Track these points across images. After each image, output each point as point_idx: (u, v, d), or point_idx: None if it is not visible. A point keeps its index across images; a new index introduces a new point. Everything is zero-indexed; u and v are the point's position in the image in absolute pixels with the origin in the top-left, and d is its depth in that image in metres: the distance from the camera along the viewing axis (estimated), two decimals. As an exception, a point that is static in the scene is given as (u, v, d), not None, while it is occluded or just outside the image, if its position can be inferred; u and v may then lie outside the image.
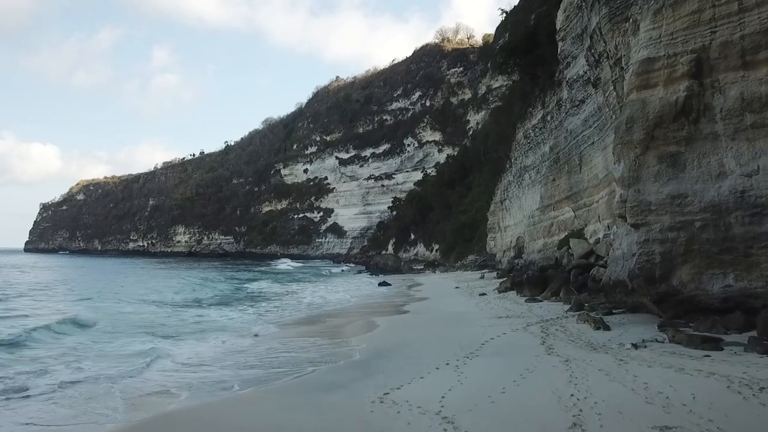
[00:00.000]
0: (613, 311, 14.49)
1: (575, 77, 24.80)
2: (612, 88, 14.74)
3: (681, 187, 11.27)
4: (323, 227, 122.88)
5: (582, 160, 25.51)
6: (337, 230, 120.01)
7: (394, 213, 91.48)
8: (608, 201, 22.52)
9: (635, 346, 9.85)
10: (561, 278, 20.12)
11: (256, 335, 15.00)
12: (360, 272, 57.57)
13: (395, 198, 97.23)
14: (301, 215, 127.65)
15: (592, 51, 20.82)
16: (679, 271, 11.40)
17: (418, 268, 56.70)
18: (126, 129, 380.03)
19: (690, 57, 11.03)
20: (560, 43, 26.02)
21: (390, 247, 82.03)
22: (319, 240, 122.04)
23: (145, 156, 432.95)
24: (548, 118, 29.59)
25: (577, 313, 15.23)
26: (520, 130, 34.56)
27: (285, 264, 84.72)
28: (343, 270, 64.87)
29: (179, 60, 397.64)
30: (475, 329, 13.44)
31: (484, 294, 23.21)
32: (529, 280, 21.46)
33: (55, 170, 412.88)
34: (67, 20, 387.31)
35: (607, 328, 11.92)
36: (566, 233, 27.25)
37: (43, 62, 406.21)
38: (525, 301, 19.23)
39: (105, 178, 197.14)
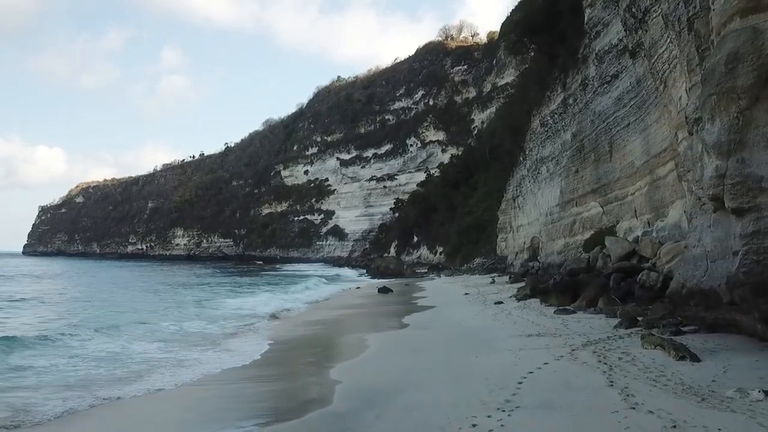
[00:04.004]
0: (682, 329, 10.99)
1: (607, 48, 21.26)
2: (681, 30, 11.08)
3: (809, 155, 7.71)
4: (324, 230, 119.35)
5: (613, 147, 21.98)
6: (338, 233, 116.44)
7: (397, 215, 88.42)
8: (648, 192, 19.06)
9: (769, 395, 6.26)
10: (597, 284, 16.62)
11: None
12: (360, 275, 54.09)
13: (398, 199, 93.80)
14: (301, 217, 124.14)
15: (633, 10, 17.31)
16: (804, 277, 7.83)
17: (422, 271, 53.30)
18: (131, 131, 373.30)
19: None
20: (587, 11, 22.54)
21: (392, 250, 78.90)
22: (320, 243, 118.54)
23: (149, 159, 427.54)
24: (570, 101, 26.03)
25: (633, 330, 11.67)
26: (536, 118, 30.96)
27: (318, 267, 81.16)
28: (340, 274, 61.37)
29: (187, 61, 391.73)
30: (503, 355, 9.85)
31: (500, 302, 19.64)
32: (557, 286, 17.91)
33: (60, 173, 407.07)
34: (71, 21, 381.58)
35: (695, 358, 8.32)
36: (593, 231, 23.82)
37: (48, 63, 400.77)
38: (554, 312, 15.68)
39: (104, 180, 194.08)
